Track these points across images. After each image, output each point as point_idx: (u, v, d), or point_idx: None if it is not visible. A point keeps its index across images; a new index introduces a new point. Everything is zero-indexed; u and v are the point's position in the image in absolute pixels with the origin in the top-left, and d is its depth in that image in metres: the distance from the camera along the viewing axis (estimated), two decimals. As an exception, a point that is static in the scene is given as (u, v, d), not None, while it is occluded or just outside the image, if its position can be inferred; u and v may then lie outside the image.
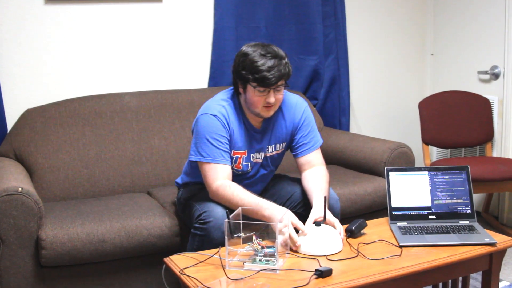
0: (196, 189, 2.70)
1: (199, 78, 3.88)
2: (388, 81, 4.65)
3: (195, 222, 2.51)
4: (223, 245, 2.17)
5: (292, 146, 2.76)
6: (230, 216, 2.18)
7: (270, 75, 2.43)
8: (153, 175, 3.38)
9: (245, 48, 2.53)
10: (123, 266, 2.78)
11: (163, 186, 3.37)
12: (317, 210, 2.44)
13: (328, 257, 2.23)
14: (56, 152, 3.21)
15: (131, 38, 3.65)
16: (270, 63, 2.45)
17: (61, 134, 3.25)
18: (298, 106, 2.73)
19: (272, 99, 2.49)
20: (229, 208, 2.37)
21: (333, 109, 4.26)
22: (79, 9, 3.47)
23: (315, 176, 2.66)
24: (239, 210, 2.27)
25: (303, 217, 2.42)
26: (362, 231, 2.49)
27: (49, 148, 3.20)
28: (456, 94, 4.27)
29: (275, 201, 2.70)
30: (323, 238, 2.30)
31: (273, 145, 2.72)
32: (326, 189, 2.61)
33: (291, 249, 2.28)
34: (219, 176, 2.49)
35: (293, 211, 2.52)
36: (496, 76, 4.21)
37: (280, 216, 2.28)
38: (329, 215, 2.44)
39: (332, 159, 3.67)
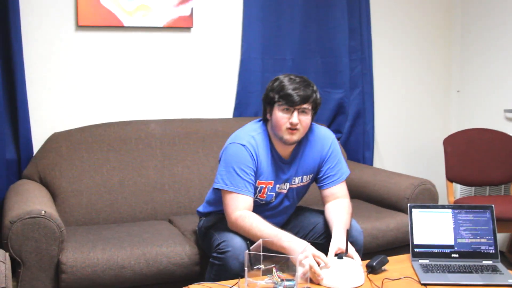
0: (217, 218, 2.70)
1: (224, 108, 3.90)
2: (413, 117, 4.63)
3: (213, 252, 2.51)
4: (240, 275, 2.16)
5: (318, 178, 2.77)
6: (251, 248, 2.17)
7: (294, 93, 2.50)
8: (175, 203, 3.39)
9: (278, 76, 2.61)
10: (141, 293, 2.78)
11: (185, 214, 3.38)
12: (337, 242, 2.43)
13: (350, 291, 2.22)
14: (80, 176, 3.23)
15: (159, 66, 3.69)
16: (297, 85, 2.52)
17: (85, 159, 3.28)
18: (326, 138, 2.75)
19: (295, 120, 2.51)
20: (250, 240, 2.37)
21: (357, 143, 4.25)
22: (109, 36, 3.53)
23: (338, 207, 2.66)
24: (260, 241, 2.26)
25: (325, 248, 2.41)
26: (383, 267, 2.46)
27: (73, 173, 3.23)
28: (482, 131, 4.24)
29: (297, 232, 2.71)
30: (345, 270, 2.29)
31: (300, 177, 2.72)
32: (348, 220, 2.60)
33: (311, 281, 2.26)
34: (240, 207, 2.50)
35: (315, 242, 2.52)
36: (522, 114, 4.18)
37: (300, 248, 2.26)
38: (351, 248, 2.42)
39: (355, 194, 3.64)
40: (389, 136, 4.53)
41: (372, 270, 2.41)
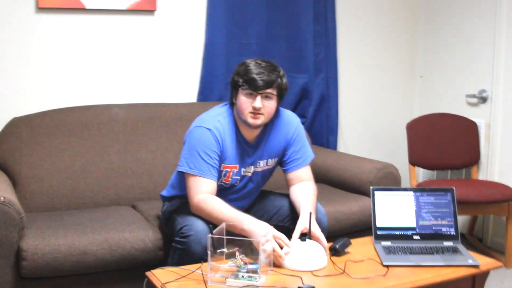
0: (180, 203, 2.69)
1: (188, 92, 3.88)
2: (377, 102, 4.66)
3: (176, 236, 2.51)
4: (203, 259, 2.16)
5: (283, 161, 2.78)
6: (214, 231, 2.17)
7: (258, 77, 2.49)
8: (139, 188, 3.36)
9: (246, 60, 2.60)
10: (104, 279, 2.75)
11: (148, 199, 3.35)
12: (304, 221, 2.45)
13: (314, 273, 2.23)
14: (41, 162, 3.18)
15: (122, 49, 3.64)
16: (262, 69, 2.51)
17: (46, 144, 3.22)
18: (291, 122, 2.76)
19: (258, 104, 2.51)
20: (213, 223, 2.36)
21: (321, 127, 4.26)
22: (70, 19, 3.46)
23: (304, 189, 2.69)
24: (223, 225, 2.26)
25: (290, 231, 2.42)
26: (346, 250, 2.48)
27: (34, 158, 3.18)
28: (444, 116, 4.29)
29: (262, 215, 2.72)
30: (308, 253, 2.30)
31: (265, 160, 2.73)
32: (314, 202, 2.63)
33: (275, 265, 2.26)
34: (203, 190, 2.49)
35: (280, 225, 2.53)
36: (483, 99, 4.23)
37: (262, 231, 2.27)
38: (316, 228, 2.43)
39: (319, 178, 3.65)
40: (353, 120, 4.56)
41: (335, 252, 2.43)
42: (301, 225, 2.44)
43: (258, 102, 2.51)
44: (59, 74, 3.47)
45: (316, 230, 2.43)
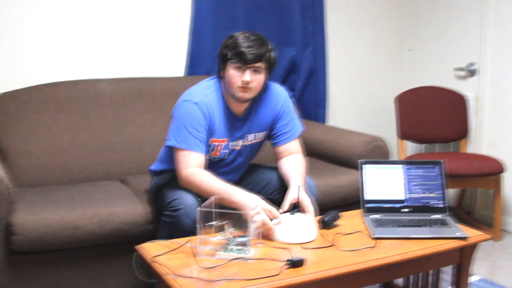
0: (169, 177, 2.68)
1: (176, 67, 3.85)
2: (366, 75, 4.66)
3: (165, 210, 2.51)
4: (192, 233, 2.16)
5: (272, 135, 2.78)
6: (203, 205, 2.17)
7: (247, 51, 2.47)
8: (127, 163, 3.36)
9: (234, 33, 2.58)
10: (94, 253, 2.75)
11: (137, 174, 3.35)
12: (294, 193, 2.46)
13: (303, 246, 2.24)
14: (29, 137, 3.16)
15: (108, 23, 3.60)
16: (251, 43, 2.50)
17: (34, 120, 3.20)
18: (279, 95, 2.76)
19: (247, 78, 2.50)
20: (202, 197, 2.36)
21: (310, 101, 4.26)
22: (56, -7, 3.43)
23: (293, 162, 2.70)
24: (212, 198, 2.26)
25: (280, 205, 2.44)
26: (335, 223, 2.49)
27: (22, 133, 3.16)
28: (432, 90, 4.30)
29: (251, 188, 2.73)
30: (297, 226, 2.31)
31: (253, 134, 2.72)
32: (304, 174, 2.64)
33: (264, 238, 2.27)
34: (191, 164, 2.49)
35: (269, 198, 2.54)
36: (472, 73, 4.24)
37: (252, 203, 2.28)
38: (305, 199, 2.46)
39: (308, 151, 3.64)
40: (342, 94, 4.56)
41: (324, 225, 2.44)
42: (291, 197, 2.46)
43: (247, 76, 2.50)
44: (45, 49, 3.43)
45: (305, 201, 2.44)
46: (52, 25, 3.44)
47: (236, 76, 2.51)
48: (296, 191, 2.46)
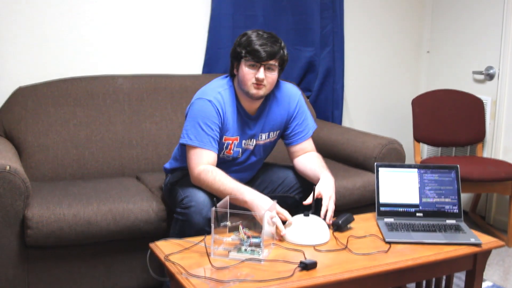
0: (182, 174, 2.70)
1: (194, 64, 3.86)
2: (383, 77, 4.65)
3: (177, 207, 2.52)
4: (204, 230, 2.17)
5: (286, 134, 2.79)
6: (218, 205, 2.18)
7: (261, 49, 2.49)
8: (143, 159, 3.37)
9: (247, 31, 2.59)
10: (108, 249, 2.77)
11: (152, 171, 3.36)
12: (325, 185, 2.52)
13: (316, 247, 2.24)
14: (46, 131, 3.18)
15: (128, 20, 3.62)
16: (264, 40, 2.52)
17: (52, 114, 3.22)
18: (292, 95, 2.77)
19: (261, 75, 2.52)
20: (217, 196, 2.37)
21: (327, 101, 4.25)
22: (76, -12, 3.45)
23: (313, 158, 2.75)
24: (226, 198, 2.27)
25: (296, 202, 2.45)
26: (349, 225, 2.49)
27: (40, 127, 3.18)
28: (450, 93, 4.27)
29: (266, 187, 2.76)
30: (311, 228, 2.32)
31: (266, 133, 2.73)
32: (327, 168, 2.67)
33: (277, 239, 2.28)
34: (203, 161, 2.50)
35: (286, 195, 2.56)
36: (490, 76, 4.21)
37: (265, 204, 2.30)
38: (325, 195, 2.49)
39: (323, 152, 3.64)
40: (359, 95, 4.55)
41: (337, 228, 2.44)
42: (323, 190, 2.50)
43: (262, 73, 2.51)
44: (64, 44, 3.45)
45: (325, 205, 2.47)
46: (72, 20, 3.46)
47: (250, 73, 2.52)
48: (327, 184, 2.50)
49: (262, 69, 2.52)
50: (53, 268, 2.67)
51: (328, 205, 2.47)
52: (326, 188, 2.51)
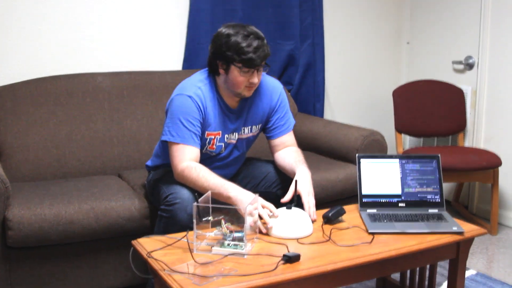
0: (165, 171, 2.68)
1: (173, 60, 3.84)
2: (364, 69, 4.65)
3: (161, 204, 2.51)
4: (189, 227, 2.16)
5: (267, 128, 2.79)
6: (199, 200, 2.17)
7: (256, 56, 2.46)
8: (125, 157, 3.35)
9: (225, 29, 2.54)
10: (91, 248, 2.75)
11: (134, 168, 3.34)
12: (302, 183, 2.50)
13: (299, 240, 2.24)
14: (26, 131, 3.15)
15: (106, 17, 3.59)
16: (255, 44, 2.47)
17: (31, 114, 3.19)
18: (275, 88, 2.77)
19: (255, 79, 2.52)
20: (198, 191, 2.36)
21: (308, 95, 4.25)
22: (53, -14, 3.41)
23: (292, 152, 2.73)
24: (208, 193, 2.26)
25: (278, 197, 2.44)
26: (340, 218, 2.49)
27: (19, 127, 3.15)
28: (430, 83, 4.29)
29: (249, 182, 2.75)
30: (294, 221, 2.32)
31: (249, 127, 2.73)
32: (305, 162, 2.65)
33: (260, 232, 2.28)
34: (186, 158, 2.49)
35: (268, 191, 2.55)
36: (470, 66, 4.23)
37: (248, 199, 2.28)
38: (304, 192, 2.49)
39: (305, 145, 3.66)
40: (340, 87, 4.55)
41: (328, 220, 2.45)
42: (299, 188, 2.48)
43: (256, 78, 2.52)
44: (43, 42, 3.42)
45: (306, 201, 2.47)
46: (50, 19, 3.42)
47: (244, 79, 2.51)
48: (304, 182, 2.48)
49: (255, 73, 2.52)
50: (36, 269, 2.65)
51: (309, 201, 2.47)
52: (303, 184, 2.50)
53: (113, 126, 3.36)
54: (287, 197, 2.45)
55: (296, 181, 2.48)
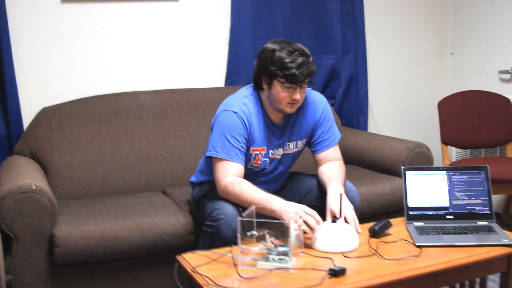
0: (210, 187, 2.68)
1: (216, 77, 3.86)
2: (407, 80, 4.60)
3: (206, 220, 2.51)
4: (233, 242, 2.15)
5: (312, 142, 2.77)
6: (244, 214, 2.16)
7: (299, 73, 2.45)
8: (169, 174, 3.37)
9: (271, 45, 2.54)
10: (136, 264, 2.77)
11: (179, 185, 3.36)
12: (334, 202, 2.44)
13: (345, 254, 2.21)
14: (72, 150, 3.21)
15: (148, 36, 3.64)
16: (299, 60, 2.46)
17: (76, 133, 3.25)
18: (318, 102, 2.75)
19: (298, 96, 2.50)
20: (242, 207, 2.36)
21: (351, 108, 4.22)
22: (96, 7, 3.47)
23: (331, 168, 2.69)
24: (252, 208, 2.25)
25: (322, 212, 2.42)
26: (386, 231, 2.45)
27: (65, 147, 3.20)
28: (476, 93, 4.21)
29: (293, 196, 2.73)
30: (339, 234, 2.29)
31: (294, 142, 2.72)
32: (342, 179, 2.62)
33: (306, 247, 2.26)
34: (230, 174, 2.48)
35: (312, 205, 2.55)
36: (517, 75, 4.15)
37: (292, 209, 2.28)
38: (349, 212, 2.44)
39: (349, 159, 3.62)
40: (383, 100, 4.50)
41: (374, 234, 2.41)
42: (331, 207, 2.43)
43: (298, 94, 2.51)
44: (86, 63, 3.48)
45: (349, 215, 2.42)
46: (92, 39, 3.49)
47: (287, 95, 2.50)
48: (336, 200, 2.43)
49: (298, 89, 2.50)
50: (82, 285, 2.69)
51: (352, 215, 2.43)
52: (335, 204, 2.44)
53: (156, 143, 3.39)
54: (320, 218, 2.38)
55: (327, 202, 2.46)
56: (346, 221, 2.41)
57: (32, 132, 3.23)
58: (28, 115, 3.32)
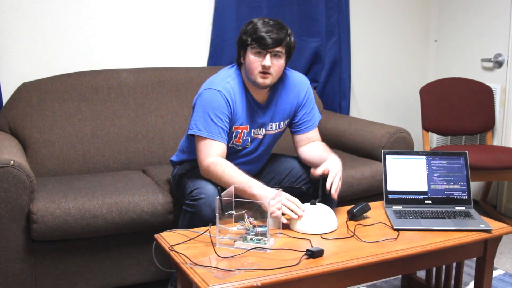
0: (190, 166, 2.67)
1: (198, 57, 3.84)
2: (390, 66, 4.61)
3: (186, 199, 2.50)
4: (213, 222, 2.14)
5: (293, 123, 2.77)
6: (222, 194, 2.15)
7: (267, 36, 2.46)
8: (149, 153, 3.35)
9: (253, 19, 2.57)
10: (115, 242, 2.76)
11: (159, 164, 3.35)
12: (331, 163, 2.50)
13: (323, 236, 2.22)
14: (51, 127, 3.17)
15: (131, 13, 3.60)
16: (270, 27, 2.49)
17: (56, 109, 3.21)
18: (302, 84, 2.75)
19: (267, 63, 2.49)
20: (223, 187, 2.35)
21: (334, 92, 4.22)
22: (79, -17, 3.43)
23: (318, 146, 2.73)
24: (231, 188, 2.25)
25: (304, 193, 2.42)
26: (365, 214, 2.46)
27: (44, 123, 3.17)
28: (458, 81, 4.23)
29: (273, 177, 2.75)
30: (318, 216, 2.29)
31: (276, 123, 2.72)
32: (332, 153, 2.65)
33: (284, 228, 2.26)
34: (212, 153, 2.47)
35: (293, 186, 2.54)
36: (499, 64, 4.17)
37: (272, 195, 2.26)
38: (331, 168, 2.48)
39: (331, 143, 3.62)
40: (366, 85, 4.51)
41: (352, 216, 2.42)
42: (327, 166, 2.48)
43: (268, 60, 2.49)
44: (67, 39, 3.44)
45: (331, 176, 2.45)
46: (75, 15, 3.44)
47: (257, 61, 2.50)
48: (334, 167, 2.48)
49: (268, 56, 2.49)
50: (60, 262, 2.66)
51: (334, 178, 2.45)
52: (333, 165, 2.49)
53: (137, 122, 3.36)
54: (319, 171, 2.46)
55: (325, 164, 2.49)
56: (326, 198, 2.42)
57: (12, 107, 3.18)
58: (7, 89, 3.28)
